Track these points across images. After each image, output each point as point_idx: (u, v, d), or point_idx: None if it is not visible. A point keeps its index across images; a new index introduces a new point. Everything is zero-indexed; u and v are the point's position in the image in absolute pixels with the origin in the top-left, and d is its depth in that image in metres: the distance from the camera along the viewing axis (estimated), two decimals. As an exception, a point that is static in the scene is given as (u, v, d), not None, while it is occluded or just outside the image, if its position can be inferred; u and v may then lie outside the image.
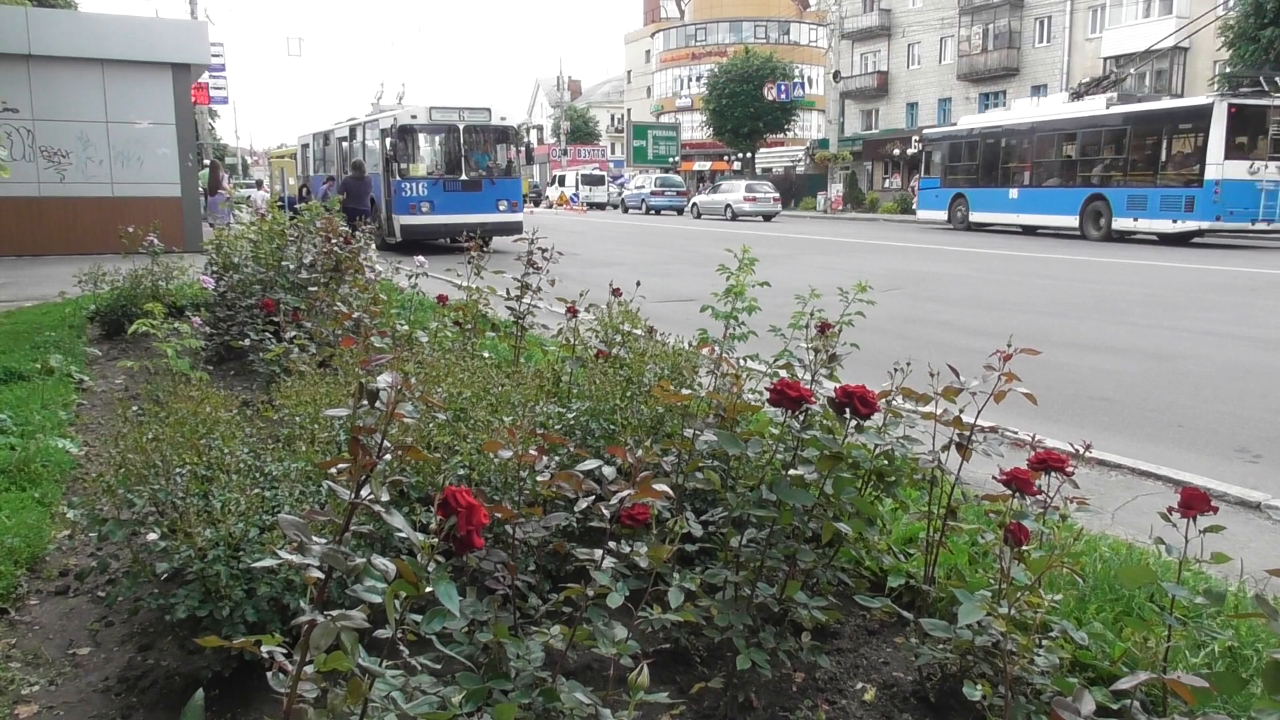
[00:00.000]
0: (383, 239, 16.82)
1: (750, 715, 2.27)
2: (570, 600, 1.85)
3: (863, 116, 50.14)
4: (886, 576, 2.71)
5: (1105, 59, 36.17)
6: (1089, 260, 16.35)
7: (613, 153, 70.92)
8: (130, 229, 7.48)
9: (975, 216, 25.80)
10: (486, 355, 4.56)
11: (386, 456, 1.44)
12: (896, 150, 43.65)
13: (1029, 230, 24.20)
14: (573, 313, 4.24)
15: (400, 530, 1.40)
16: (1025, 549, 2.10)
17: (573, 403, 3.29)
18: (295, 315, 4.98)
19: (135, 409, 3.40)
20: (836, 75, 47.42)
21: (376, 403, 1.44)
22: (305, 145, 26.50)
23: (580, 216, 38.42)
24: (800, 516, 2.28)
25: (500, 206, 18.10)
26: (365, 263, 5.87)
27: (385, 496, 1.42)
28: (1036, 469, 2.18)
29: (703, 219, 35.64)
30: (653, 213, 40.94)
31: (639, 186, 44.49)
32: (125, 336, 6.97)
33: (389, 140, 17.71)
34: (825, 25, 53.72)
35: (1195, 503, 1.89)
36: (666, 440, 2.72)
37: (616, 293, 4.39)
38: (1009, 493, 2.19)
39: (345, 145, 21.49)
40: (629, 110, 64.80)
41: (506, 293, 4.99)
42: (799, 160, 53.25)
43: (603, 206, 46.92)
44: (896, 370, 2.60)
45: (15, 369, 5.86)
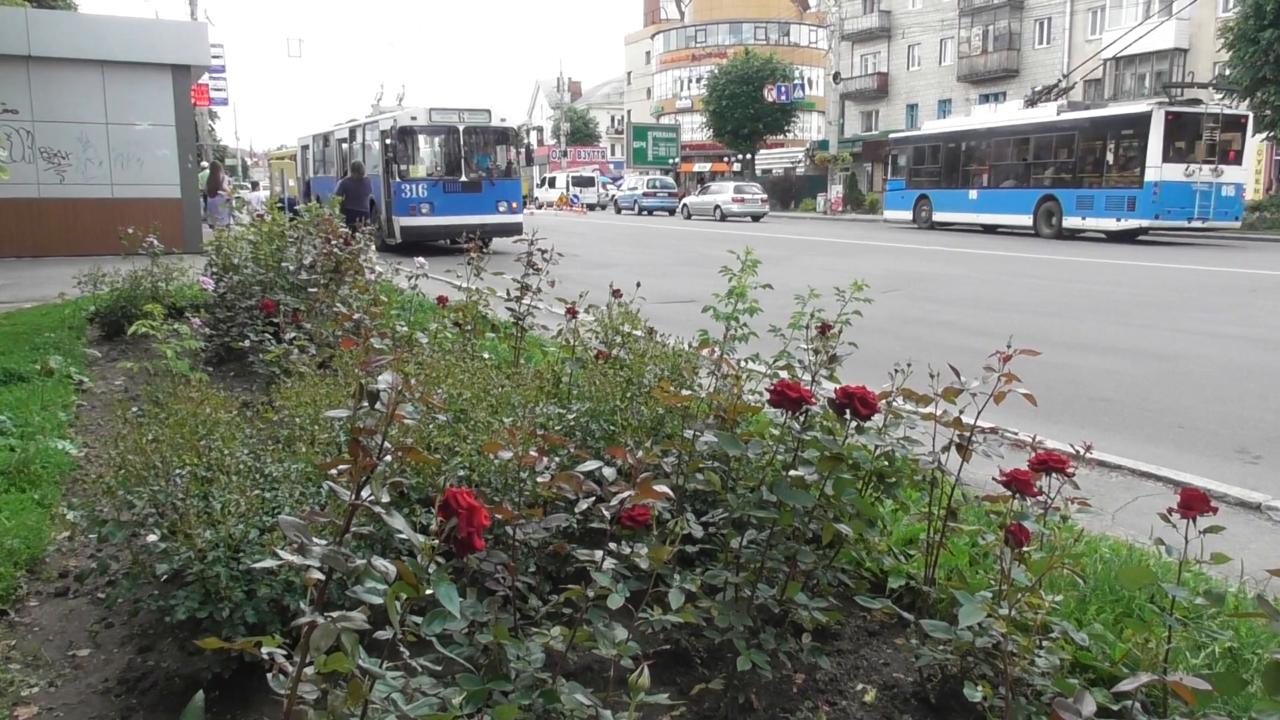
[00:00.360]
0: (382, 240, 16.83)
1: (750, 716, 2.27)
2: (570, 601, 1.85)
3: (863, 118, 50.16)
4: (887, 577, 2.71)
5: (1105, 60, 36.19)
6: (1087, 261, 16.35)
7: (613, 154, 70.98)
8: (130, 230, 7.48)
9: (938, 216, 27.23)
10: (486, 356, 4.56)
11: (387, 458, 1.44)
12: (896, 151, 43.68)
13: (988, 229, 25.32)
14: (572, 314, 4.24)
15: (401, 532, 1.40)
16: (1026, 550, 2.10)
17: (573, 404, 3.29)
18: (295, 316, 4.98)
19: (135, 410, 3.40)
20: (836, 77, 47.44)
21: (377, 404, 1.44)
22: (305, 147, 26.51)
23: (580, 218, 38.43)
24: (801, 517, 2.28)
25: (500, 208, 18.10)
26: (365, 264, 5.87)
27: (386, 498, 1.42)
28: (1037, 470, 2.18)
29: (693, 220, 36.22)
30: (645, 213, 41.55)
31: (632, 188, 45.15)
32: (125, 338, 6.97)
33: (389, 141, 17.71)
34: (825, 26, 53.75)
35: (1195, 504, 1.88)
36: (667, 441, 2.72)
37: (617, 294, 4.39)
38: (1009, 494, 2.18)
39: (345, 147, 21.50)
40: (629, 111, 64.80)
41: (506, 294, 4.99)
42: (799, 162, 53.28)
43: (592, 207, 47.44)
44: (896, 371, 2.60)
45: (15, 370, 5.86)
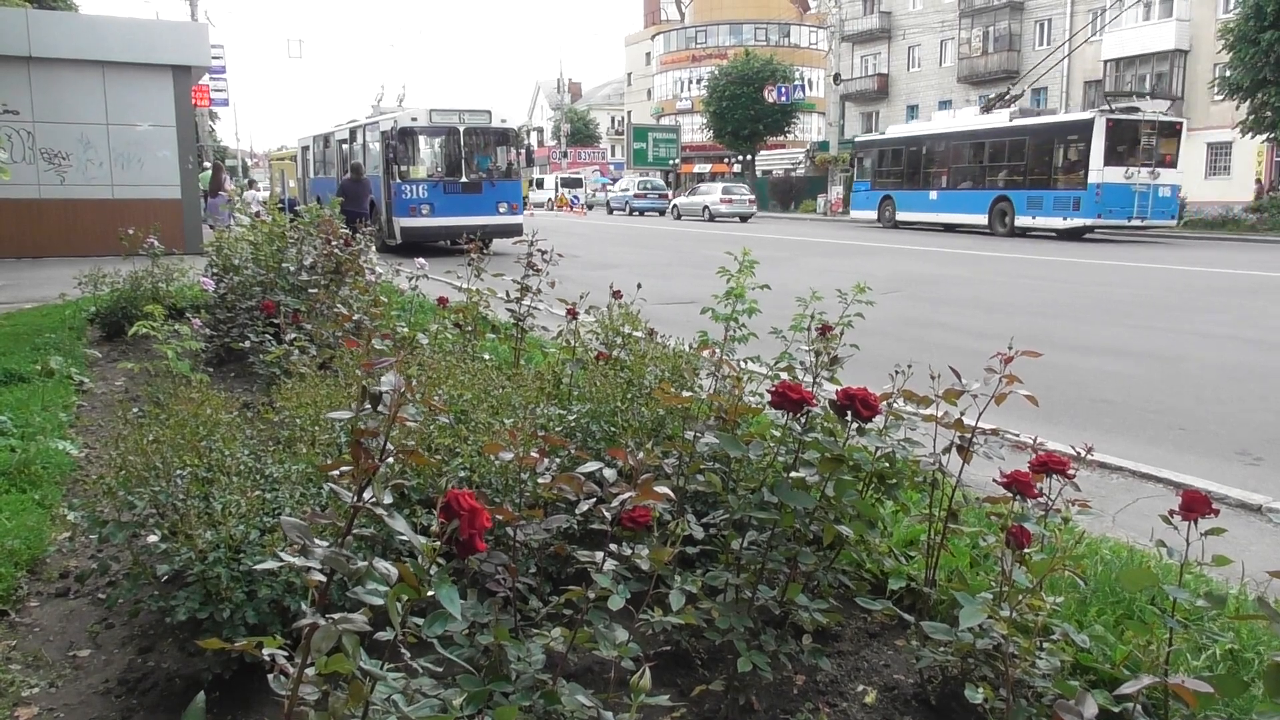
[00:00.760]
0: (383, 241, 16.84)
1: (751, 718, 2.26)
2: (571, 602, 1.85)
3: (863, 119, 50.15)
4: (887, 579, 2.71)
5: (1105, 61, 36.21)
6: (1087, 262, 16.36)
7: (613, 155, 70.98)
8: (130, 231, 7.48)
9: (901, 216, 28.83)
10: (487, 357, 4.56)
11: (389, 459, 1.44)
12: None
13: (948, 228, 26.69)
14: (573, 315, 4.24)
15: (402, 533, 1.40)
16: (1026, 552, 2.10)
17: (573, 405, 3.29)
18: (295, 317, 4.98)
19: (136, 411, 3.40)
20: (837, 78, 47.41)
21: (379, 405, 1.44)
22: (305, 147, 26.52)
23: (580, 219, 38.46)
24: (801, 519, 2.28)
25: (500, 209, 18.10)
26: (365, 265, 5.87)
27: (387, 499, 1.42)
28: (1038, 471, 2.18)
29: (683, 220, 36.82)
30: (636, 214, 42.35)
31: (624, 189, 46.25)
32: (125, 338, 6.97)
33: (389, 142, 17.71)
34: (825, 28, 53.74)
35: (1196, 505, 1.88)
36: (667, 442, 2.72)
37: (617, 295, 4.39)
38: (1010, 495, 2.18)
39: (345, 147, 21.50)
40: (629, 112, 64.75)
41: (506, 295, 4.99)
42: (799, 163, 53.28)
43: (589, 207, 47.90)
44: (897, 372, 2.59)
45: (15, 371, 5.86)
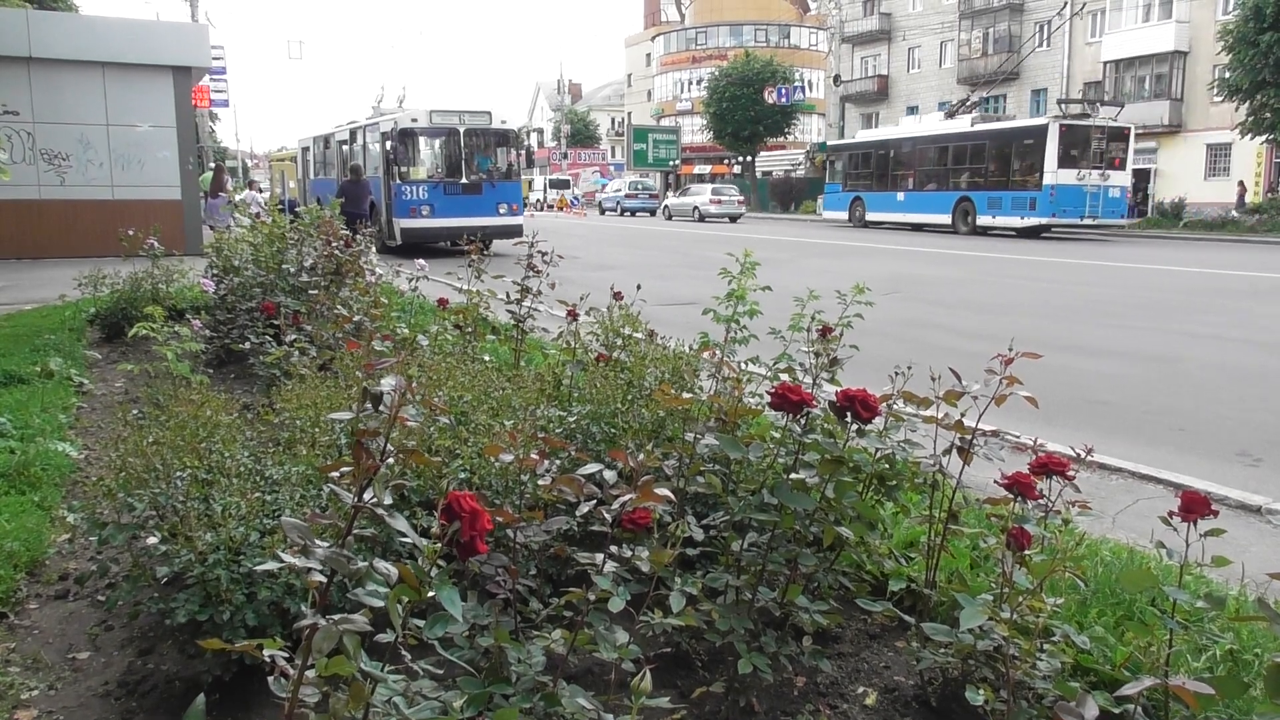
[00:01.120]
0: (383, 242, 16.84)
1: (752, 719, 2.26)
2: (571, 604, 1.85)
3: (863, 120, 50.14)
4: (888, 580, 2.71)
5: (1105, 63, 36.22)
6: (1085, 264, 16.37)
7: (613, 156, 71.02)
8: (130, 232, 7.48)
9: (870, 216, 30.48)
10: (487, 358, 4.56)
11: (389, 460, 1.44)
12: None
13: (915, 227, 28.11)
14: (573, 316, 4.24)
15: (403, 534, 1.40)
16: (1027, 553, 2.10)
17: (574, 406, 3.29)
18: (295, 318, 4.98)
19: (135, 412, 3.40)
20: (837, 79, 47.47)
21: (380, 406, 1.44)
22: (306, 148, 26.53)
23: (580, 220, 38.49)
24: (802, 520, 2.28)
25: (500, 210, 18.11)
26: (365, 266, 5.87)
27: (388, 500, 1.42)
28: (1038, 473, 2.18)
29: (674, 220, 37.41)
30: (627, 214, 43.18)
31: (615, 190, 47.25)
32: (125, 339, 6.97)
33: (389, 143, 17.72)
34: (825, 29, 53.81)
35: (1196, 506, 1.88)
36: (668, 444, 2.72)
37: (618, 296, 4.39)
38: (1010, 497, 2.18)
39: (345, 148, 21.51)
40: (629, 113, 64.72)
41: (507, 296, 4.99)
42: (799, 164, 53.29)
43: (553, 207, 48.79)
44: (897, 374, 2.59)
45: (15, 372, 5.86)
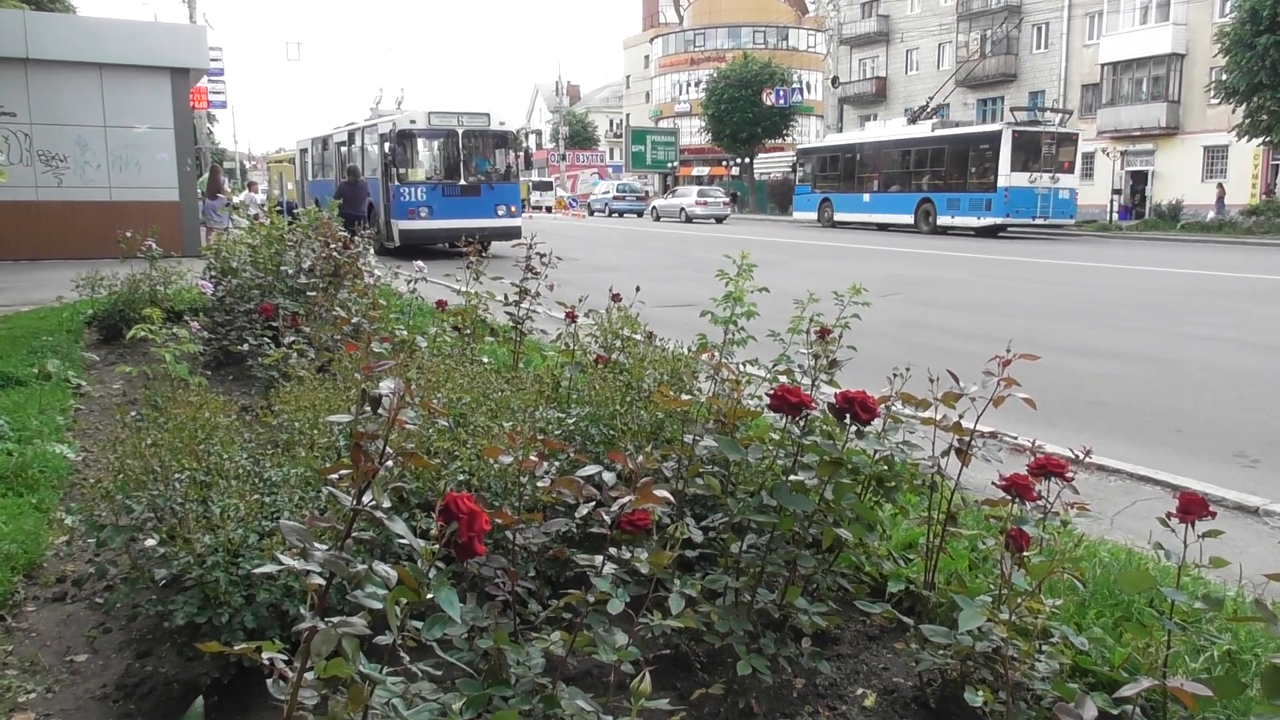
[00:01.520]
0: (381, 244, 16.83)
1: (750, 721, 2.26)
2: (570, 606, 1.84)
3: (861, 122, 50.14)
4: (886, 582, 2.71)
5: (1102, 65, 36.27)
6: (1083, 265, 16.39)
7: (611, 158, 71.02)
8: (128, 233, 7.47)
9: (838, 216, 32.09)
10: (486, 360, 4.55)
11: (388, 463, 1.44)
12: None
13: (881, 227, 29.73)
14: (572, 318, 4.24)
15: (402, 536, 1.40)
16: (1025, 554, 2.10)
17: (572, 408, 3.29)
18: (294, 320, 4.98)
19: (133, 414, 3.40)
20: (835, 81, 47.53)
21: (379, 408, 1.44)
22: (304, 150, 26.51)
23: (578, 222, 38.50)
24: (801, 522, 2.28)
25: (499, 211, 18.10)
26: (364, 268, 5.86)
27: (387, 503, 1.42)
28: (1036, 474, 2.18)
29: (661, 221, 38.20)
30: (615, 215, 44.09)
31: (604, 192, 48.32)
32: (123, 341, 6.96)
33: (388, 145, 17.71)
34: (824, 31, 53.86)
35: (1194, 508, 1.89)
36: (666, 446, 2.72)
37: (616, 298, 4.40)
38: (1009, 498, 2.19)
39: (344, 150, 21.50)
40: (627, 115, 64.70)
41: (505, 298, 4.99)
42: (797, 166, 53.33)
43: (550, 209, 48.99)
44: (896, 375, 2.60)
45: (12, 374, 5.85)
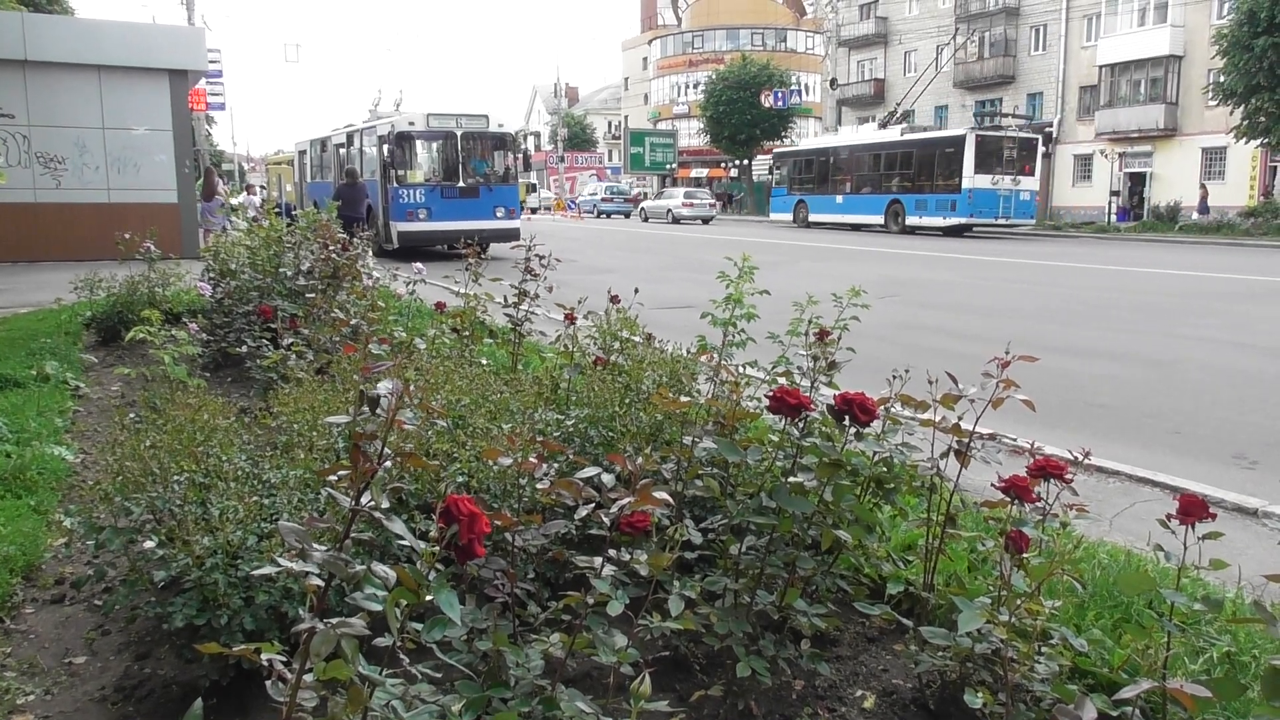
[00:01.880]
0: (380, 245, 16.83)
1: (750, 723, 2.26)
2: (570, 608, 1.84)
3: (859, 124, 50.23)
4: (886, 584, 2.71)
5: (1100, 67, 36.33)
6: (1081, 267, 16.40)
7: (610, 159, 71.03)
8: (127, 235, 7.46)
9: (813, 217, 33.58)
10: (484, 362, 4.55)
11: (387, 464, 1.43)
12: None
13: (854, 227, 31.20)
14: (571, 320, 4.24)
15: (401, 538, 1.40)
16: (1025, 556, 2.10)
17: (571, 410, 3.29)
18: (293, 322, 4.97)
19: (132, 416, 3.39)
20: (833, 83, 47.58)
21: (377, 410, 1.43)
22: (302, 152, 26.51)
23: (577, 223, 38.51)
24: (800, 524, 2.28)
25: (498, 213, 18.10)
26: (363, 269, 5.86)
27: (386, 504, 1.42)
28: (1035, 476, 2.18)
29: (650, 222, 39.15)
30: (603, 216, 45.17)
31: (592, 193, 49.74)
32: (122, 343, 6.95)
33: (386, 147, 17.71)
34: (822, 33, 53.89)
35: (1193, 509, 1.89)
36: (666, 447, 2.72)
37: (615, 300, 4.40)
38: (1008, 500, 2.19)
39: (343, 152, 21.50)
40: (626, 117, 64.75)
41: (504, 299, 4.99)
42: (795, 167, 53.35)
43: (535, 210, 49.63)
44: (895, 377, 2.60)
45: (10, 376, 5.84)
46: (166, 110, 15.95)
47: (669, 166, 53.37)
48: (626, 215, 44.86)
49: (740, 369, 3.22)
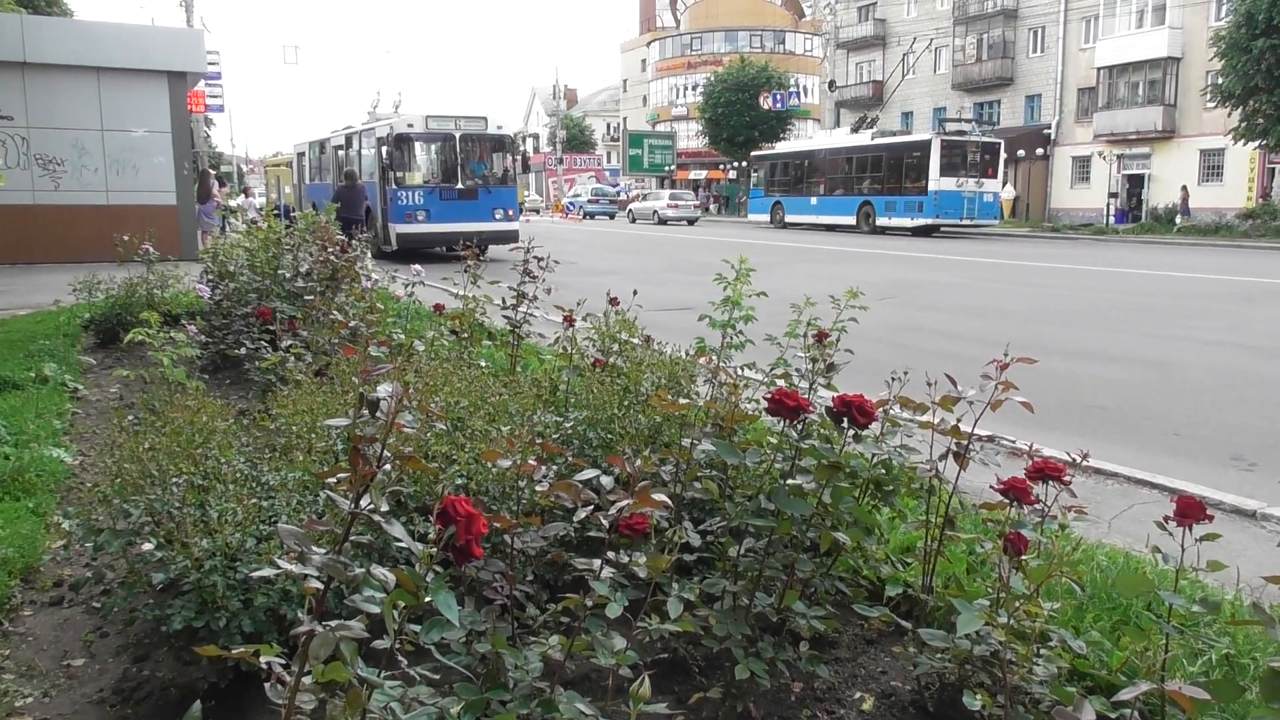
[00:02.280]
0: (378, 247, 16.82)
1: (749, 725, 2.26)
2: (569, 610, 1.84)
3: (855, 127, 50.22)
4: (884, 586, 2.71)
5: (1099, 69, 36.37)
6: (1079, 269, 16.41)
7: (609, 161, 71.03)
8: (126, 237, 7.46)
9: (789, 218, 34.89)
10: (483, 364, 4.55)
11: (386, 466, 1.43)
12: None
13: (828, 228, 32.37)
14: (569, 321, 4.24)
15: (400, 540, 1.40)
16: (1023, 558, 2.10)
17: (570, 412, 3.29)
18: (291, 324, 4.97)
19: (131, 418, 3.39)
20: (832, 85, 47.64)
21: (376, 412, 1.43)
22: (301, 154, 26.51)
23: (576, 225, 38.52)
24: (798, 526, 2.28)
25: (496, 215, 18.10)
26: (361, 271, 5.86)
27: (385, 506, 1.42)
28: (1034, 478, 2.18)
29: (637, 223, 40.24)
30: (589, 217, 46.02)
31: (576, 195, 50.63)
32: (120, 345, 6.95)
33: (385, 149, 17.71)
34: (820, 35, 53.96)
35: (1191, 511, 1.89)
36: (664, 450, 2.72)
37: (614, 302, 4.40)
38: (1007, 502, 2.19)
39: (341, 154, 21.50)
40: (625, 119, 64.70)
41: (503, 301, 4.99)
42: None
43: (536, 212, 50.62)
44: (894, 379, 2.60)
45: (9, 378, 5.84)
46: (165, 112, 15.94)
47: (667, 168, 53.38)
48: (611, 216, 45.77)
49: (739, 371, 3.22)
